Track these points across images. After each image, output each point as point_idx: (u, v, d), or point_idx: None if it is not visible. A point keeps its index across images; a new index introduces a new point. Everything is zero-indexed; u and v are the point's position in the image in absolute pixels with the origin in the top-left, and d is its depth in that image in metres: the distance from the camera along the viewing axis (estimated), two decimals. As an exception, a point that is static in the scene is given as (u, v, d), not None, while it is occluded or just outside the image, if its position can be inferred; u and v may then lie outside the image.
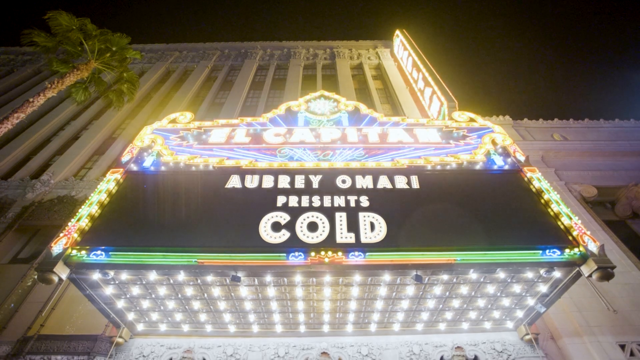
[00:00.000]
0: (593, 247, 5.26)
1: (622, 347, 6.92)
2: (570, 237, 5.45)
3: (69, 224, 5.47)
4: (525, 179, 6.41)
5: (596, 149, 11.53)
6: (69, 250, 5.14)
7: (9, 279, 8.40)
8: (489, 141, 7.33)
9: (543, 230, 5.59)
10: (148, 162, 6.82)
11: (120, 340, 6.69)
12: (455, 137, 7.57)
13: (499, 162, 6.84)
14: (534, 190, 6.20)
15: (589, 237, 5.40)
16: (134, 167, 6.67)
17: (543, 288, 5.89)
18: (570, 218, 5.68)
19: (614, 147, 11.59)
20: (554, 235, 5.52)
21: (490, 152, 7.08)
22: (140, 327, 6.82)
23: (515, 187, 6.35)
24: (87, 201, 5.84)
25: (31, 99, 9.14)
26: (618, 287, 7.78)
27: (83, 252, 5.18)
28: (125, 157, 6.83)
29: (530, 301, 6.17)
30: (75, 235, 5.32)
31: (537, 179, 6.29)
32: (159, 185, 6.39)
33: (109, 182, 6.19)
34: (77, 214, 5.64)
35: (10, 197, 10.63)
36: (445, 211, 5.74)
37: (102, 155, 13.41)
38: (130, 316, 6.52)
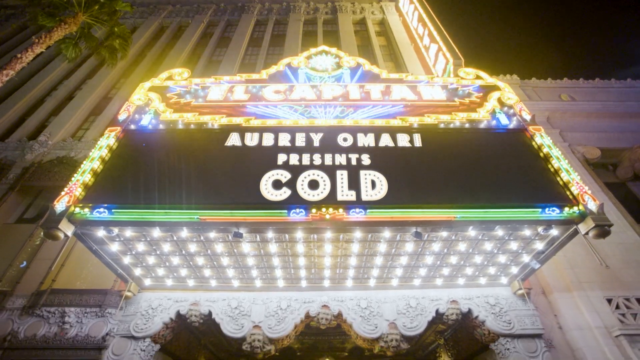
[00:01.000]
0: (592, 205, 5.29)
1: (609, 301, 7.21)
2: (570, 196, 5.47)
3: (70, 182, 5.48)
4: (530, 138, 6.31)
5: (604, 110, 11.23)
6: (72, 208, 5.19)
7: (17, 238, 8.60)
8: (494, 99, 7.12)
9: (544, 189, 5.59)
10: (146, 121, 6.67)
11: (129, 294, 6.96)
12: (461, 94, 7.34)
13: (503, 120, 6.69)
14: (537, 149, 6.14)
15: (590, 195, 5.41)
16: (131, 126, 6.54)
17: (539, 245, 6.01)
18: (572, 177, 5.67)
19: (622, 108, 11.28)
20: (554, 193, 5.53)
21: (495, 110, 6.90)
22: (147, 282, 7.07)
23: (519, 146, 6.26)
24: (86, 160, 5.81)
25: (19, 55, 8.77)
26: (612, 246, 7.96)
27: (86, 209, 5.23)
28: (122, 116, 6.68)
29: (526, 258, 6.33)
30: (77, 193, 5.34)
31: (542, 138, 6.21)
32: (158, 144, 6.31)
33: (108, 140, 6.11)
34: (77, 173, 5.64)
35: (10, 158, 10.56)
36: (447, 169, 5.70)
37: (99, 115, 13.14)
38: (137, 272, 6.73)
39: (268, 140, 6.03)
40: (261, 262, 6.28)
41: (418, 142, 6.06)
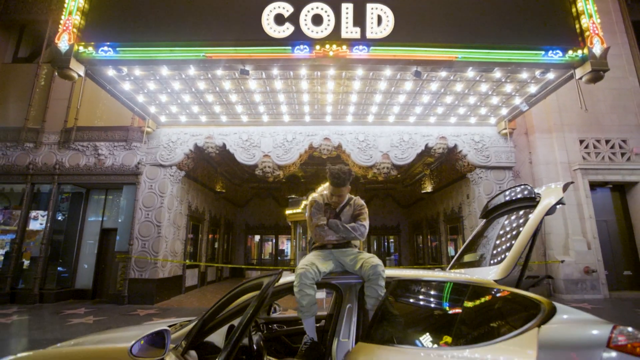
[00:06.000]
0: (598, 49, 5.23)
1: (582, 141, 8.00)
2: (579, 39, 5.36)
3: (62, 18, 5.32)
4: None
5: None
6: (76, 47, 5.22)
7: (22, 78, 8.72)
8: None
9: (553, 30, 5.44)
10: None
11: (149, 129, 7.70)
12: None
13: (537, -58, 5.74)
14: (564, -19, 5.57)
15: (599, 38, 5.29)
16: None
17: (533, 89, 6.28)
18: (591, 17, 5.36)
19: None
20: (562, 35, 5.41)
21: None
22: (163, 119, 7.70)
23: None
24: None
25: None
26: (605, 92, 8.16)
27: (90, 48, 5.27)
28: None
29: (517, 100, 6.71)
30: (75, 30, 5.25)
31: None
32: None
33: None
34: (65, 6, 5.35)
35: (-28, -16, 9.43)
36: (457, 6, 5.37)
37: None
38: (152, 109, 7.25)
39: (266, -38, 5.38)
40: (267, 98, 6.70)
41: (433, -32, 5.42)
